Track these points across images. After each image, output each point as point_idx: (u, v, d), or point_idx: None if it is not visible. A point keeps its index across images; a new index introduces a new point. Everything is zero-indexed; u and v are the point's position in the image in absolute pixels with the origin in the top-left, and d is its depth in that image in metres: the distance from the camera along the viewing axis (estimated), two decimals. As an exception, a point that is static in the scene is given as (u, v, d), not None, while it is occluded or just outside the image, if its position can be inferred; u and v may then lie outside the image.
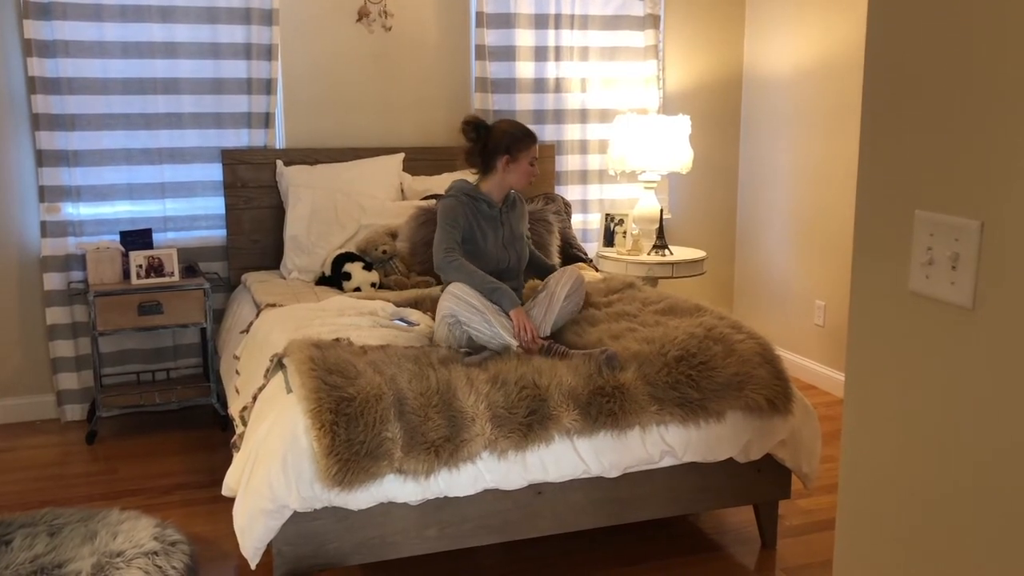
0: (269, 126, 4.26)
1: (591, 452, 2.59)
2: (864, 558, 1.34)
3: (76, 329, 4.12)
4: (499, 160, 3.07)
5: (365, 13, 4.38)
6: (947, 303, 1.15)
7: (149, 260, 3.85)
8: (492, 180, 3.11)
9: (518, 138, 3.07)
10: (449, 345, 2.87)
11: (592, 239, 4.84)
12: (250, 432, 2.61)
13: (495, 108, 4.60)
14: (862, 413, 1.32)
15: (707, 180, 5.12)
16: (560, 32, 4.65)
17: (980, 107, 1.09)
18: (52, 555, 2.54)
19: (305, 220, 4.05)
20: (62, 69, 3.94)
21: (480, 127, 3.10)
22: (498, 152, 3.07)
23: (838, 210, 4.43)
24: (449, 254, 2.95)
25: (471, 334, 2.81)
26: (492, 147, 3.07)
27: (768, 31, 4.88)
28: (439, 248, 2.97)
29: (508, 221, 3.16)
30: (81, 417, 4.17)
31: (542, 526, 2.67)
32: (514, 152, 3.07)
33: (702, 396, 2.67)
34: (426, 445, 2.41)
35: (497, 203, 3.13)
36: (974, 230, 1.10)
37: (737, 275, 5.28)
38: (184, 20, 4.09)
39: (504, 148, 3.07)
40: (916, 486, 1.22)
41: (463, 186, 3.11)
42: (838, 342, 4.50)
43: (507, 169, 3.09)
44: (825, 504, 3.29)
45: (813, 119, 4.57)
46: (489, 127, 3.12)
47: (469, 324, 2.79)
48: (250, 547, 2.41)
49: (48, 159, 3.96)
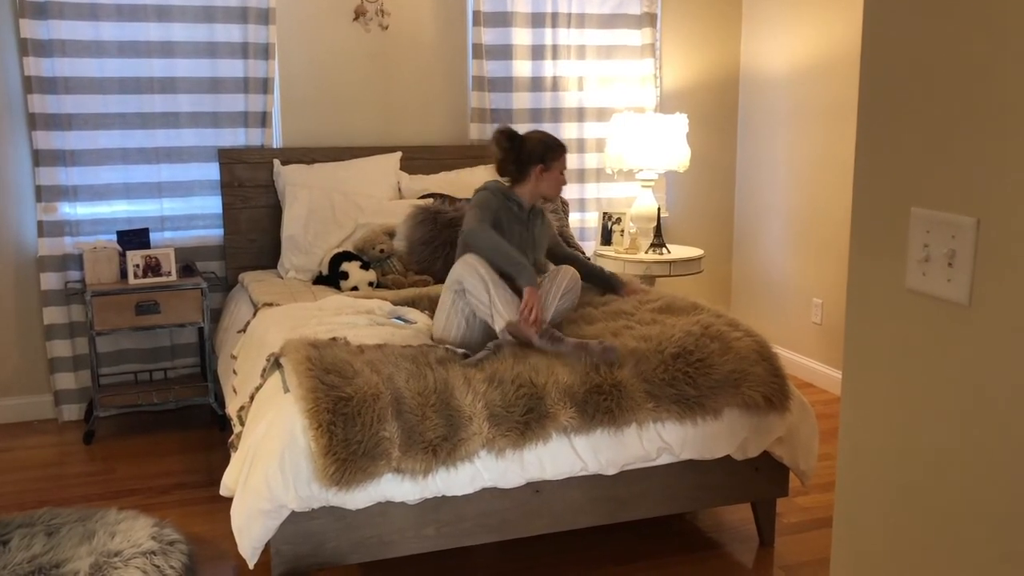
0: (266, 125, 4.26)
1: (588, 449, 2.59)
2: (861, 555, 1.34)
3: (73, 329, 4.11)
4: (533, 169, 3.18)
5: (362, 12, 4.38)
6: (943, 300, 1.15)
7: (146, 260, 3.84)
8: (525, 188, 3.22)
9: (551, 148, 3.20)
10: (444, 342, 2.87)
11: (589, 238, 4.84)
12: (248, 432, 2.61)
13: (492, 107, 4.60)
14: (859, 410, 1.32)
15: (704, 179, 5.12)
16: (557, 31, 4.65)
17: (976, 104, 1.09)
18: (50, 555, 2.53)
19: (302, 219, 4.05)
20: (58, 68, 3.94)
21: (513, 137, 3.21)
22: (532, 161, 3.18)
23: (835, 208, 4.44)
24: (482, 222, 3.02)
25: (472, 304, 2.86)
26: (526, 156, 3.18)
27: (765, 29, 4.88)
28: (471, 219, 3.03)
29: (532, 228, 3.26)
30: (79, 417, 4.16)
31: (540, 525, 2.67)
32: (548, 161, 3.18)
33: (699, 393, 2.67)
34: (424, 444, 2.41)
35: (526, 208, 3.24)
36: (970, 227, 1.10)
37: (735, 273, 5.28)
38: (181, 19, 4.09)
39: (538, 157, 3.18)
40: (913, 483, 1.22)
41: (498, 185, 3.21)
42: (835, 340, 4.50)
43: (540, 178, 3.19)
44: (823, 502, 3.29)
45: (810, 117, 4.58)
46: (522, 137, 3.22)
47: (472, 292, 2.84)
48: (248, 547, 2.41)
49: (45, 159, 3.96)
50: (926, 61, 1.16)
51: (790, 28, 4.68)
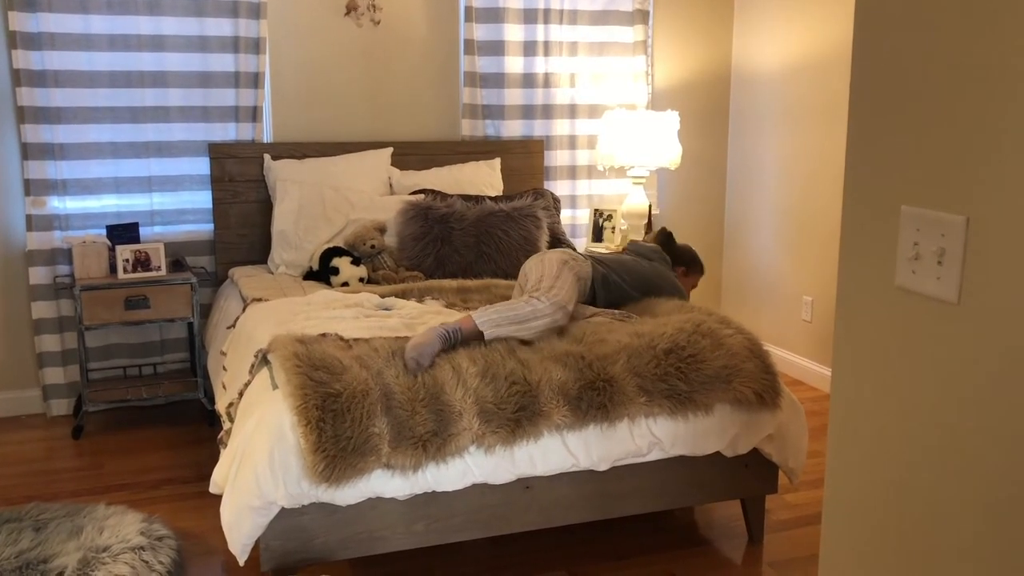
0: (257, 120, 4.25)
1: (580, 445, 2.59)
2: (850, 552, 1.34)
3: (62, 323, 4.10)
4: (677, 270, 3.52)
5: (353, 7, 4.37)
6: (933, 298, 1.16)
7: (136, 254, 3.83)
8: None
9: (698, 263, 3.60)
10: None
11: (581, 234, 4.85)
12: (237, 429, 2.60)
13: (484, 103, 4.59)
14: (848, 407, 1.32)
15: (696, 176, 5.13)
16: (549, 27, 4.65)
17: (966, 103, 1.09)
18: (37, 550, 2.52)
19: (293, 214, 4.04)
20: (48, 62, 3.91)
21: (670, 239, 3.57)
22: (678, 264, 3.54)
23: (826, 206, 4.45)
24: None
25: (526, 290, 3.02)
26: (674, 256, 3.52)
27: (757, 27, 4.89)
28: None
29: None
30: (67, 412, 4.15)
31: (530, 520, 2.68)
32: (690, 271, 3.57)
33: (690, 389, 2.68)
34: (413, 440, 2.41)
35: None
36: (960, 225, 1.10)
37: (725, 271, 5.29)
38: (171, 13, 4.07)
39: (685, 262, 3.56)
40: (902, 480, 1.23)
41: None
42: (825, 338, 4.52)
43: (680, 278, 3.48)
44: (811, 499, 3.30)
45: (801, 115, 4.58)
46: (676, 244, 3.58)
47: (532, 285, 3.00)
48: (238, 544, 2.41)
49: (34, 152, 3.93)
50: (917, 60, 1.16)
51: (782, 26, 4.69)
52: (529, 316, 2.80)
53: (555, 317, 2.82)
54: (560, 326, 2.87)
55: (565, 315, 2.87)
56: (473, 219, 3.98)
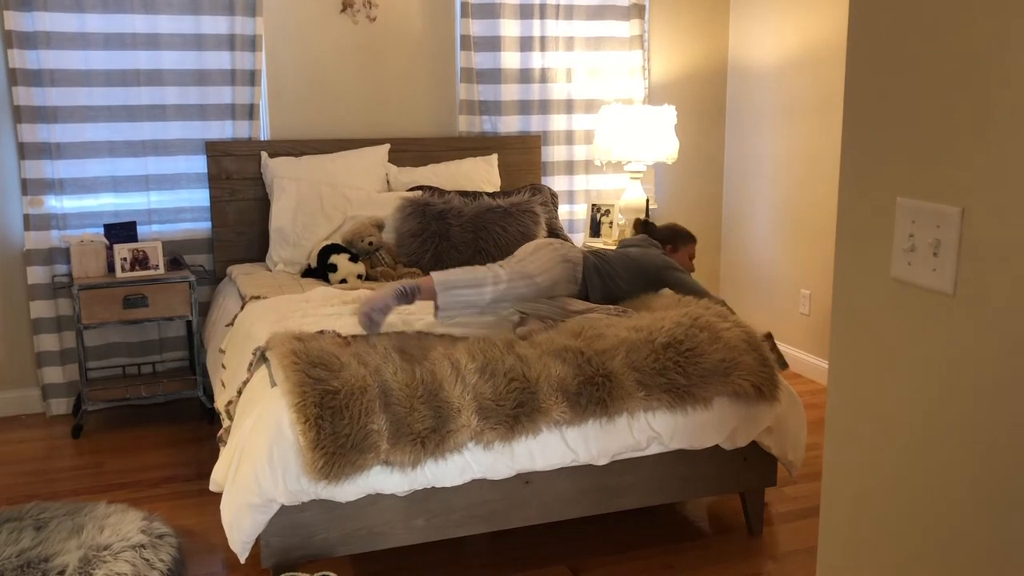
0: (253, 117, 4.24)
1: (579, 440, 2.60)
2: (848, 544, 1.35)
3: (61, 323, 4.10)
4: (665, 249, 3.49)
5: (349, 4, 4.36)
6: (928, 289, 1.16)
7: (134, 253, 3.82)
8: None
9: (681, 235, 3.54)
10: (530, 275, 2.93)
11: (579, 229, 4.85)
12: (236, 426, 2.60)
13: (480, 99, 4.59)
14: (845, 399, 1.33)
15: (693, 170, 5.13)
16: (545, 22, 4.65)
17: (961, 95, 1.09)
18: (39, 549, 2.53)
19: (290, 212, 4.04)
20: (43, 60, 3.91)
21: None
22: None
23: (823, 199, 4.45)
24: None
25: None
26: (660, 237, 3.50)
27: (753, 21, 4.88)
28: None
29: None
30: (67, 411, 4.15)
31: (530, 515, 2.68)
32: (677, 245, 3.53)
33: (689, 382, 2.68)
34: (412, 436, 2.41)
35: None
36: (955, 216, 1.11)
37: (723, 264, 5.29)
38: (167, 11, 4.06)
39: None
40: (899, 472, 1.23)
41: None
42: (823, 331, 4.52)
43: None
44: (810, 491, 3.31)
45: (798, 109, 4.59)
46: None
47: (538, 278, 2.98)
48: (239, 542, 2.41)
49: (30, 151, 3.93)
50: (912, 52, 1.16)
51: (778, 20, 4.69)
52: (486, 280, 2.83)
53: (513, 284, 2.85)
54: (524, 297, 2.90)
55: (529, 286, 2.89)
56: (471, 215, 3.98)
